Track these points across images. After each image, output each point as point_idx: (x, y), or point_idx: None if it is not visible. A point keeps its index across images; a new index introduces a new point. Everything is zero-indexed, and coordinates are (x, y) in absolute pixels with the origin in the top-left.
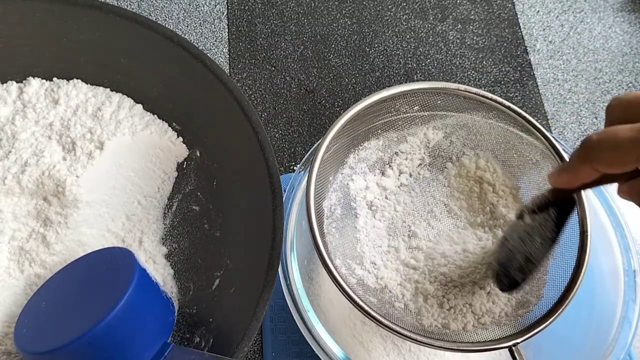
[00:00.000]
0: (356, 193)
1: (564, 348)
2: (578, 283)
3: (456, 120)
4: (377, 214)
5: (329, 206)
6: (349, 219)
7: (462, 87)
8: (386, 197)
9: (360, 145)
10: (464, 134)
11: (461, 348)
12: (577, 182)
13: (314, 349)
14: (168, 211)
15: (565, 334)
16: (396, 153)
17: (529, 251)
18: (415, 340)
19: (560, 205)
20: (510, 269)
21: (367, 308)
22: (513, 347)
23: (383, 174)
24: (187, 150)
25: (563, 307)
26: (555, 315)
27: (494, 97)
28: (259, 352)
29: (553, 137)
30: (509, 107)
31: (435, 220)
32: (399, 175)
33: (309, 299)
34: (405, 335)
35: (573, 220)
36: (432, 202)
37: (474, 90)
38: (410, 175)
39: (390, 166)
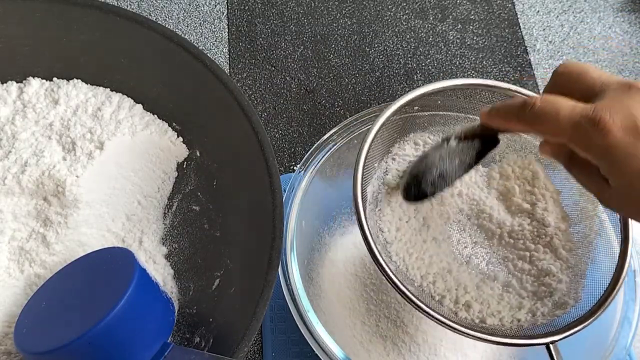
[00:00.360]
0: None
1: (564, 348)
2: (618, 286)
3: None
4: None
5: (371, 192)
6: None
7: (514, 87)
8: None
9: (406, 136)
10: (509, 134)
11: (500, 341)
12: (506, 129)
13: (314, 349)
14: (168, 211)
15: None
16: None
17: (445, 169)
18: (456, 329)
19: (485, 139)
20: (423, 182)
21: (413, 298)
22: (550, 345)
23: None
24: (187, 150)
25: (603, 308)
26: (595, 316)
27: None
28: (259, 352)
29: None
30: None
31: (471, 220)
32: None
33: (309, 299)
34: (447, 325)
35: (615, 224)
36: (470, 201)
37: (524, 91)
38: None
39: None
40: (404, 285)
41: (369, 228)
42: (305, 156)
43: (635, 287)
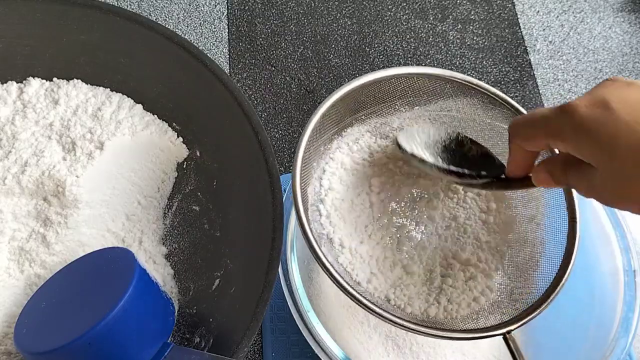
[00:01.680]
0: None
1: (564, 348)
2: (569, 270)
3: (440, 106)
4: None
5: (312, 192)
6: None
7: (447, 72)
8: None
9: (344, 132)
10: (448, 120)
11: (454, 336)
12: (515, 167)
13: (314, 349)
14: (168, 211)
15: (565, 334)
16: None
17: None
18: (405, 327)
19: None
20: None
21: (359, 297)
22: (507, 335)
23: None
24: (187, 150)
25: (555, 293)
26: (547, 303)
27: (482, 84)
28: (259, 352)
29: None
30: (494, 94)
31: (416, 203)
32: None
33: (309, 299)
34: (396, 323)
35: (561, 209)
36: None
37: (459, 75)
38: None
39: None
40: (349, 285)
41: (310, 229)
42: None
43: (636, 287)
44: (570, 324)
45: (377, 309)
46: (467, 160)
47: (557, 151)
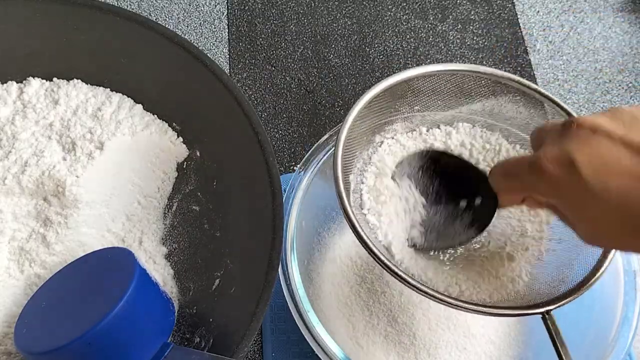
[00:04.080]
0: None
1: None
2: (611, 256)
3: (482, 106)
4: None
5: (355, 180)
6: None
7: (490, 70)
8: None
9: (387, 126)
10: (491, 120)
11: (493, 312)
12: (508, 204)
13: (314, 349)
14: (168, 211)
15: (565, 334)
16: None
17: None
18: (445, 301)
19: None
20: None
21: (396, 269)
22: (546, 315)
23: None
24: (187, 150)
25: (596, 277)
26: (588, 285)
27: (524, 81)
28: (259, 352)
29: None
30: (537, 90)
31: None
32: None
33: (309, 299)
34: (436, 297)
35: None
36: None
37: (506, 75)
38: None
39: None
40: (399, 269)
41: (356, 219)
42: (305, 156)
43: (636, 288)
44: (570, 324)
45: (411, 280)
46: (449, 181)
47: None
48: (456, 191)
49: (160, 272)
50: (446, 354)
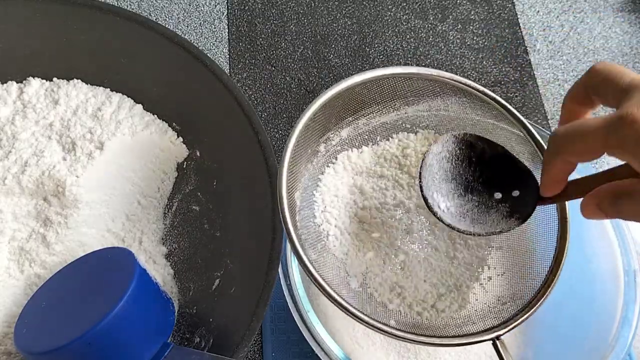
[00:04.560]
0: (327, 184)
1: (564, 348)
2: (558, 273)
3: (429, 106)
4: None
5: (300, 197)
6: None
7: (435, 71)
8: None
9: (332, 134)
10: (437, 121)
11: (443, 342)
12: (553, 183)
13: (314, 349)
14: (168, 211)
15: (565, 334)
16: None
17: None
18: (393, 334)
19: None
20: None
21: (345, 304)
22: (497, 340)
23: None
24: (187, 150)
25: (544, 296)
26: (536, 307)
27: (469, 82)
28: (259, 352)
29: (528, 122)
30: (484, 92)
31: (409, 212)
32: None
33: (309, 299)
34: (383, 330)
35: (551, 208)
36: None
37: (448, 75)
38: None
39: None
40: (337, 294)
41: (298, 238)
42: None
43: (636, 288)
44: (570, 324)
45: (361, 315)
46: (485, 166)
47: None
48: (491, 180)
49: (160, 272)
50: (446, 354)
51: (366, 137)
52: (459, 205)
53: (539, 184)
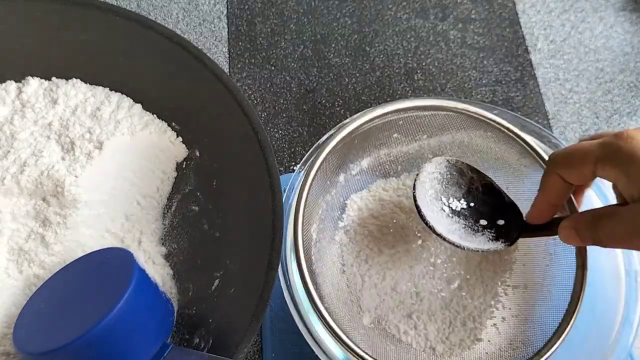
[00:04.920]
0: (350, 214)
1: (564, 349)
2: (571, 321)
3: (452, 137)
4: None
5: (317, 230)
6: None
7: (461, 105)
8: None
9: (352, 164)
10: (459, 152)
11: None
12: (542, 208)
13: (314, 350)
14: (167, 211)
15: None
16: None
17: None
18: None
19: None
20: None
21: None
22: None
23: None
24: (187, 150)
25: (555, 347)
26: (546, 356)
27: (496, 118)
28: (258, 353)
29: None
30: (509, 129)
31: (425, 242)
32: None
33: (309, 300)
34: None
35: (569, 251)
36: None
37: (474, 109)
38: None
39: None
40: (349, 339)
41: (312, 279)
42: (305, 156)
43: (637, 288)
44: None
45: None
46: (472, 195)
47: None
48: (477, 208)
49: (159, 272)
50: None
51: (387, 167)
52: (447, 224)
53: (531, 208)
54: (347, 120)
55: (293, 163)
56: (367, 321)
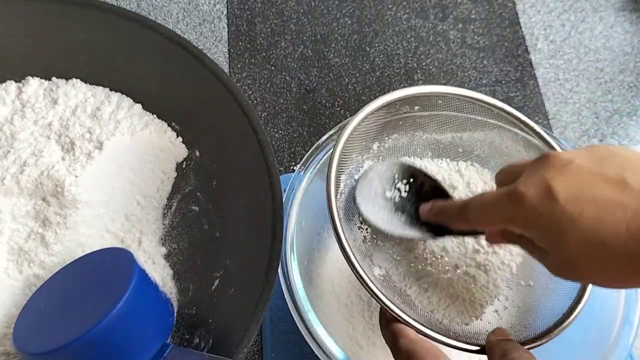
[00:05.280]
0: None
1: (564, 349)
2: (578, 310)
3: (484, 135)
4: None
5: (344, 182)
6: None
7: (500, 103)
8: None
9: (386, 137)
10: (488, 152)
11: (450, 342)
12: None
13: (314, 350)
14: (167, 211)
15: (566, 335)
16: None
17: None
18: (432, 337)
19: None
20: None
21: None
22: None
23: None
24: (187, 150)
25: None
26: (553, 333)
27: (531, 123)
28: (258, 353)
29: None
30: (539, 135)
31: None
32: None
33: (308, 300)
34: (421, 332)
35: None
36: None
37: (510, 109)
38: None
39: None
40: (389, 300)
41: (343, 231)
42: (305, 156)
43: (637, 288)
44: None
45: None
46: (422, 196)
47: None
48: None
49: (159, 272)
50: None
51: (419, 149)
52: (385, 217)
53: (428, 210)
54: (347, 120)
55: (293, 163)
56: (378, 273)
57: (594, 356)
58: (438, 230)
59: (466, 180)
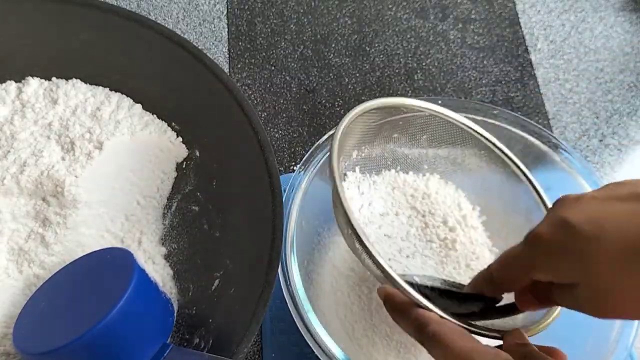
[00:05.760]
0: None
1: (565, 349)
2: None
3: (448, 152)
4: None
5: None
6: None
7: (461, 118)
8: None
9: (365, 147)
10: (451, 170)
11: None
12: (523, 302)
13: (314, 350)
14: (167, 211)
15: (566, 335)
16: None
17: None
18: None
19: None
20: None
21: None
22: None
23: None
24: (187, 150)
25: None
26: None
27: (491, 137)
28: (258, 353)
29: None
30: (502, 150)
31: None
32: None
33: (308, 300)
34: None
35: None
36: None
37: (470, 124)
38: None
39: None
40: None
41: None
42: (305, 156)
43: None
44: (570, 324)
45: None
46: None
47: None
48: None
49: (159, 272)
50: None
51: (389, 162)
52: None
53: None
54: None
55: (293, 163)
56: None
57: (594, 356)
58: (483, 312)
59: (434, 190)
